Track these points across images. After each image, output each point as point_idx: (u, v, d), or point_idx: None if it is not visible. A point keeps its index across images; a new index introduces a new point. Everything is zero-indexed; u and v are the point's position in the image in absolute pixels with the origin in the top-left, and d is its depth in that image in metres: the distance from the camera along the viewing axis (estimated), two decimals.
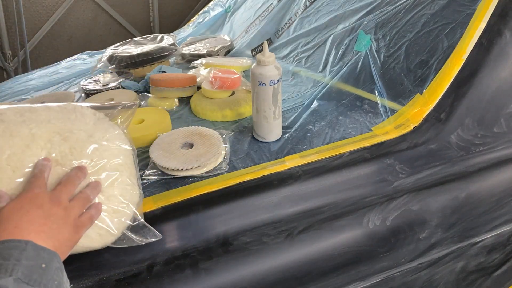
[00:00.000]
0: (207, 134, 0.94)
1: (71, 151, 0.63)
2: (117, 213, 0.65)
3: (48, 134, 0.63)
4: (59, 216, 0.56)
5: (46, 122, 0.65)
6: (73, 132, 0.65)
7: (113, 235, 0.65)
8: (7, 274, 0.47)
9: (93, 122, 0.68)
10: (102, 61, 1.51)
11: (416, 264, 0.87)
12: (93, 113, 0.70)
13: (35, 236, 0.52)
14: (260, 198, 0.80)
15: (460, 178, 0.91)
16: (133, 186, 0.68)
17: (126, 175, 0.67)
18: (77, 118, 0.68)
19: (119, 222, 0.65)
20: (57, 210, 0.57)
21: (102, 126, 0.68)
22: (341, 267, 0.81)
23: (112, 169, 0.65)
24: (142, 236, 0.68)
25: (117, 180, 0.65)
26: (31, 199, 0.56)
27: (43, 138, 0.63)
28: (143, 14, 3.64)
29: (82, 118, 0.68)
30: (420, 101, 0.96)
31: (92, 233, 0.63)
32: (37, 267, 0.50)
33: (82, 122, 0.67)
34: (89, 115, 0.69)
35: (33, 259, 0.50)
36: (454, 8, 1.03)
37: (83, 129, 0.66)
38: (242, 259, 0.75)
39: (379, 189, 0.86)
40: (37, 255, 0.51)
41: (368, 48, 1.12)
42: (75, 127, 0.66)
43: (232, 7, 1.93)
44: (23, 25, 3.11)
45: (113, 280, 0.69)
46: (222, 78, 1.14)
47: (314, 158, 0.87)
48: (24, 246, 0.50)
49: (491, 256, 0.97)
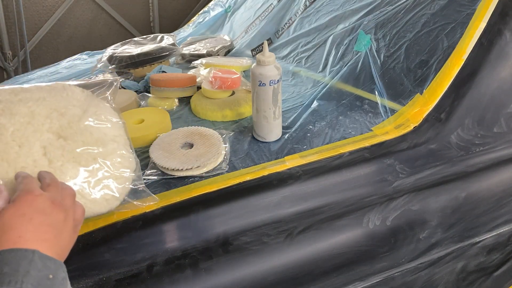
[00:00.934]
0: (207, 134, 0.94)
1: (70, 124, 0.66)
2: (120, 179, 0.69)
3: (46, 111, 0.66)
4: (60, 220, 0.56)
5: (42, 100, 0.68)
6: (68, 108, 0.68)
7: (117, 199, 0.69)
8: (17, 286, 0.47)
9: (84, 98, 0.72)
10: (102, 61, 1.50)
11: (416, 264, 0.87)
12: (81, 91, 0.74)
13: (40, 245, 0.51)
14: (260, 198, 0.80)
15: (460, 178, 0.91)
16: (129, 154, 0.72)
17: (122, 144, 0.71)
18: (68, 95, 0.71)
19: (122, 188, 0.69)
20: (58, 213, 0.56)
21: (93, 102, 0.72)
22: (341, 267, 0.81)
23: (109, 139, 0.69)
24: (141, 201, 0.73)
25: (115, 149, 0.69)
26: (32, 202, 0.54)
27: (42, 114, 0.66)
28: (143, 14, 3.64)
29: (73, 95, 0.72)
30: (420, 101, 0.96)
31: (100, 199, 0.66)
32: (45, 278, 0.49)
33: (74, 99, 0.71)
34: (78, 92, 0.73)
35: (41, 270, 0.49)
36: (454, 8, 1.03)
37: (77, 105, 0.70)
38: (242, 259, 0.75)
39: (379, 189, 0.86)
40: (44, 265, 0.50)
41: (368, 48, 1.12)
42: (69, 103, 0.69)
43: (232, 7, 1.93)
44: (23, 25, 3.11)
45: (113, 280, 0.69)
46: (222, 78, 1.14)
47: (314, 158, 0.87)
48: (31, 257, 0.49)
49: (491, 256, 0.97)
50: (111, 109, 0.74)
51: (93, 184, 0.65)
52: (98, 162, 0.66)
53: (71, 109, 0.68)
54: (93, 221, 0.73)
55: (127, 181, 0.70)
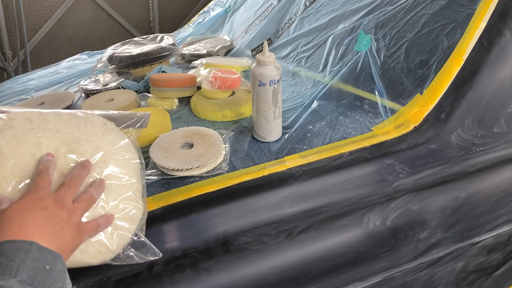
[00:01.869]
0: (207, 134, 0.94)
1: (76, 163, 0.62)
2: (119, 230, 0.64)
3: (55, 144, 0.62)
4: (62, 218, 0.56)
5: (55, 131, 0.64)
6: (80, 142, 0.64)
7: (112, 252, 0.64)
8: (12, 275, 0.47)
9: (103, 132, 0.67)
10: (102, 61, 1.50)
11: (416, 264, 0.87)
12: (103, 123, 0.68)
13: (39, 237, 0.52)
14: (260, 198, 0.80)
15: (460, 178, 0.91)
16: (137, 201, 0.67)
17: (131, 190, 0.66)
18: (86, 128, 0.66)
19: (119, 240, 0.64)
20: (61, 212, 0.56)
21: (111, 137, 0.67)
22: (341, 267, 0.81)
23: (117, 184, 0.64)
24: (142, 253, 0.66)
25: (121, 195, 0.64)
26: (35, 200, 0.56)
27: (49, 148, 0.62)
28: (143, 14, 3.64)
29: (92, 127, 0.66)
30: (420, 101, 0.96)
31: (91, 249, 0.62)
32: (41, 269, 0.49)
33: (91, 132, 0.66)
34: (99, 125, 0.68)
35: (38, 260, 0.50)
36: (454, 8, 1.03)
37: (91, 140, 0.64)
38: (242, 259, 0.75)
39: (379, 189, 0.86)
40: (41, 256, 0.50)
41: (368, 48, 1.12)
42: (83, 137, 0.64)
43: (232, 7, 1.93)
44: (23, 25, 3.11)
45: (113, 280, 0.69)
46: (222, 78, 1.14)
47: (314, 158, 0.87)
48: (28, 247, 0.50)
49: (491, 256, 0.97)
50: (130, 145, 0.68)
51: None
52: (98, 208, 0.62)
53: (83, 145, 0.63)
54: None
55: (128, 232, 0.65)
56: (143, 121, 0.72)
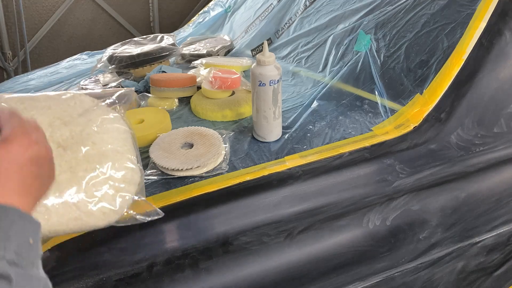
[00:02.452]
0: (207, 134, 0.94)
1: (72, 134, 0.65)
2: (120, 192, 0.66)
3: (49, 119, 0.65)
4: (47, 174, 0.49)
5: (47, 109, 0.67)
6: (72, 116, 0.67)
7: (116, 213, 0.66)
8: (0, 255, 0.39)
9: (92, 107, 0.70)
10: (102, 61, 1.50)
11: (416, 264, 0.87)
12: (91, 100, 0.72)
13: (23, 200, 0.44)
14: (260, 198, 0.80)
15: (460, 178, 0.91)
16: (134, 165, 0.69)
17: (127, 156, 0.68)
18: (76, 104, 0.70)
19: (122, 201, 0.66)
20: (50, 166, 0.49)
21: (101, 111, 0.70)
22: (341, 267, 0.81)
23: (112, 150, 0.67)
24: (144, 214, 0.69)
25: (118, 161, 0.67)
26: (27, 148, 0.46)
27: (44, 123, 0.64)
28: (143, 14, 3.64)
29: (81, 104, 0.70)
30: (420, 101, 0.96)
31: (96, 211, 0.64)
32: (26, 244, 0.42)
33: (81, 108, 0.69)
34: (87, 101, 0.71)
35: (21, 233, 0.42)
36: (454, 8, 1.03)
37: (83, 114, 0.68)
38: (242, 259, 0.75)
39: (379, 189, 0.86)
40: (24, 228, 0.43)
41: (368, 48, 1.12)
42: (75, 112, 0.68)
43: (232, 7, 1.93)
44: (23, 25, 3.11)
45: (113, 280, 0.69)
46: (222, 78, 1.14)
47: (314, 158, 0.87)
48: (12, 217, 0.42)
49: (491, 256, 0.97)
50: (119, 118, 0.72)
51: (90, 195, 0.63)
52: (98, 173, 0.64)
53: (76, 119, 0.67)
54: None
55: (129, 193, 0.67)
56: (128, 97, 0.76)
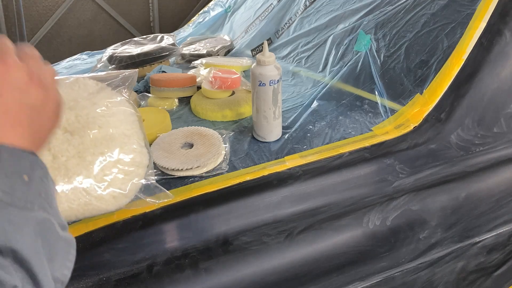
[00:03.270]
0: (207, 134, 0.94)
1: (77, 118, 0.64)
2: (129, 175, 0.66)
3: None
4: (39, 99, 0.42)
5: None
6: (77, 100, 0.66)
7: (127, 196, 0.66)
8: None
9: (96, 90, 0.69)
10: (102, 61, 1.50)
11: (416, 264, 0.87)
12: (95, 83, 0.71)
13: (11, 133, 0.39)
14: (260, 198, 0.80)
15: (460, 178, 0.91)
16: (142, 148, 0.69)
17: (135, 138, 0.68)
18: (80, 87, 0.69)
19: (131, 184, 0.66)
20: (37, 92, 0.42)
21: (106, 94, 0.69)
22: (341, 267, 0.81)
23: (119, 133, 0.66)
24: (154, 197, 0.69)
25: (126, 144, 0.66)
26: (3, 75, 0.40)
27: None
28: (143, 14, 3.64)
29: (85, 87, 0.69)
30: (420, 101, 0.96)
31: (106, 196, 0.64)
32: (19, 182, 0.37)
33: (85, 91, 0.68)
34: (91, 85, 0.70)
35: (12, 171, 0.37)
36: (454, 8, 1.03)
37: (87, 98, 0.67)
38: (242, 259, 0.75)
39: (379, 189, 0.86)
40: (17, 164, 0.38)
41: (368, 48, 1.12)
42: (79, 96, 0.67)
43: (232, 7, 1.93)
44: (23, 25, 3.11)
45: (113, 280, 0.69)
46: (222, 78, 1.14)
47: (314, 158, 0.87)
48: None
49: (491, 256, 0.97)
50: (125, 101, 0.71)
51: (100, 180, 0.63)
52: (106, 157, 0.64)
53: (80, 102, 0.66)
54: (93, 221, 0.73)
55: (138, 177, 0.67)
56: (132, 79, 0.75)
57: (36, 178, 0.39)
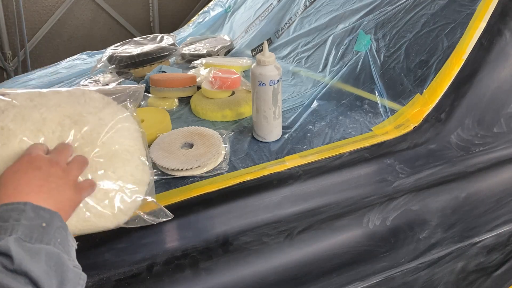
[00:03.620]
0: (207, 134, 0.94)
1: (82, 134, 0.64)
2: (130, 193, 0.66)
3: (59, 118, 0.64)
4: (58, 176, 0.56)
5: (56, 106, 0.66)
6: (82, 115, 0.66)
7: (126, 214, 0.66)
8: (7, 234, 0.47)
9: (102, 105, 0.69)
10: (102, 61, 1.50)
11: (416, 264, 0.87)
12: (102, 97, 0.71)
13: (35, 197, 0.52)
14: (260, 198, 0.80)
15: (460, 178, 0.91)
16: (144, 166, 0.69)
17: (137, 155, 0.68)
18: (86, 102, 0.69)
19: (131, 202, 0.66)
20: (56, 170, 0.56)
21: (111, 109, 0.69)
22: (341, 267, 0.81)
23: (122, 149, 0.66)
24: (153, 216, 0.69)
25: (128, 161, 0.66)
26: (28, 161, 0.56)
27: (54, 121, 0.64)
28: (143, 14, 3.64)
29: (91, 102, 0.69)
30: (420, 101, 0.96)
31: (106, 213, 0.63)
32: (37, 226, 0.49)
33: (91, 106, 0.68)
34: (98, 99, 0.70)
35: (33, 219, 0.49)
36: (454, 8, 1.03)
37: (93, 112, 0.67)
38: (242, 259, 0.75)
39: (379, 189, 0.86)
40: (36, 215, 0.50)
41: (368, 48, 1.12)
42: (85, 110, 0.67)
43: (232, 7, 1.93)
44: (23, 25, 3.11)
45: (113, 280, 0.69)
46: (222, 78, 1.14)
47: (314, 158, 0.87)
48: (23, 207, 0.50)
49: (491, 256, 0.97)
50: (130, 117, 0.71)
51: (99, 196, 0.63)
52: (107, 173, 0.64)
53: (86, 117, 0.66)
54: None
55: (138, 194, 0.67)
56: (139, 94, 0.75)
57: (54, 226, 0.51)
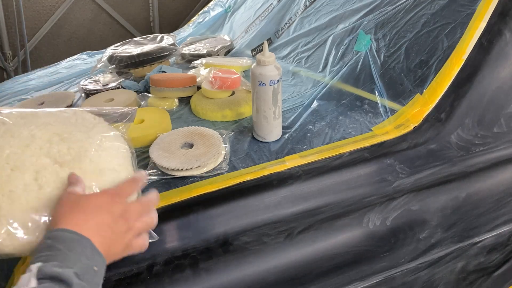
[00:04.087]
0: (207, 134, 0.94)
1: (69, 151, 0.64)
2: None
3: (48, 135, 0.65)
4: (121, 230, 0.58)
5: (46, 124, 0.66)
6: (72, 133, 0.66)
7: None
8: (69, 266, 0.49)
9: (93, 125, 0.70)
10: (102, 61, 1.50)
11: (416, 264, 0.87)
12: (93, 117, 0.72)
13: (95, 238, 0.54)
14: (260, 198, 0.80)
15: (460, 178, 0.91)
16: None
17: (124, 176, 0.67)
18: (77, 121, 0.69)
19: None
20: (123, 225, 0.58)
21: (101, 128, 0.69)
22: (341, 267, 0.81)
23: (110, 169, 0.66)
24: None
25: (115, 181, 0.65)
26: (110, 203, 0.58)
27: (42, 138, 0.64)
28: (143, 14, 3.64)
29: (82, 121, 0.69)
30: (420, 101, 0.96)
31: None
32: (91, 268, 0.52)
33: (82, 125, 0.68)
34: (89, 119, 0.71)
35: (89, 259, 0.52)
36: (454, 8, 1.03)
37: (82, 131, 0.67)
38: (242, 259, 0.75)
39: (379, 189, 0.86)
40: (92, 256, 0.53)
41: (368, 48, 1.12)
42: (75, 129, 0.67)
43: (232, 7, 1.93)
44: (23, 25, 3.10)
45: (113, 280, 0.69)
46: (222, 78, 1.14)
47: (314, 158, 0.87)
48: (85, 244, 0.53)
49: (491, 256, 0.97)
50: (120, 137, 0.71)
51: None
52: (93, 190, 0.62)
53: (75, 135, 0.66)
54: None
55: None
56: (131, 116, 0.75)
57: (101, 273, 0.54)
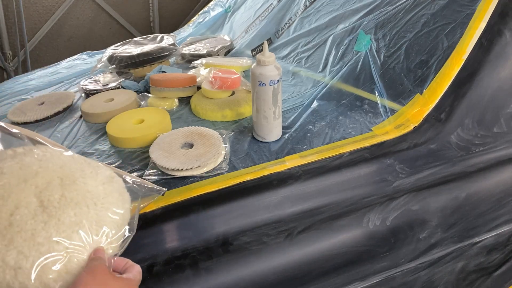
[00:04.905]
0: (207, 134, 0.94)
1: (60, 198, 0.59)
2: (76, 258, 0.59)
3: (51, 176, 0.61)
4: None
5: (58, 166, 0.63)
6: (75, 183, 0.61)
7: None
8: None
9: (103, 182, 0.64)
10: (102, 61, 1.50)
11: (416, 264, 0.87)
12: (111, 176, 0.66)
13: None
14: (260, 198, 0.80)
15: (460, 178, 0.91)
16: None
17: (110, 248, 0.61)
18: (92, 173, 0.64)
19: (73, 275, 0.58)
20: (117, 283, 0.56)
21: (109, 188, 0.64)
22: (341, 267, 0.81)
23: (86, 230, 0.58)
24: None
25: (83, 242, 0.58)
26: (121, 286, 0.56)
27: (44, 177, 0.61)
28: (143, 14, 3.64)
29: (96, 176, 0.64)
30: (420, 101, 0.96)
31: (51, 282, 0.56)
32: None
33: (92, 178, 0.64)
34: (105, 174, 0.66)
35: None
36: (454, 8, 1.03)
37: (87, 183, 0.62)
38: (242, 259, 0.75)
39: (379, 189, 0.86)
40: None
41: (368, 48, 1.12)
42: (82, 179, 0.62)
43: (232, 7, 1.93)
44: (23, 25, 3.11)
45: None
46: (222, 78, 1.14)
47: (314, 158, 0.87)
48: None
49: (491, 256, 0.97)
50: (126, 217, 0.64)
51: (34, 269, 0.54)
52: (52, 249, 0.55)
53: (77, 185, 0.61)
54: None
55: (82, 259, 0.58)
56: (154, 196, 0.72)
57: None
